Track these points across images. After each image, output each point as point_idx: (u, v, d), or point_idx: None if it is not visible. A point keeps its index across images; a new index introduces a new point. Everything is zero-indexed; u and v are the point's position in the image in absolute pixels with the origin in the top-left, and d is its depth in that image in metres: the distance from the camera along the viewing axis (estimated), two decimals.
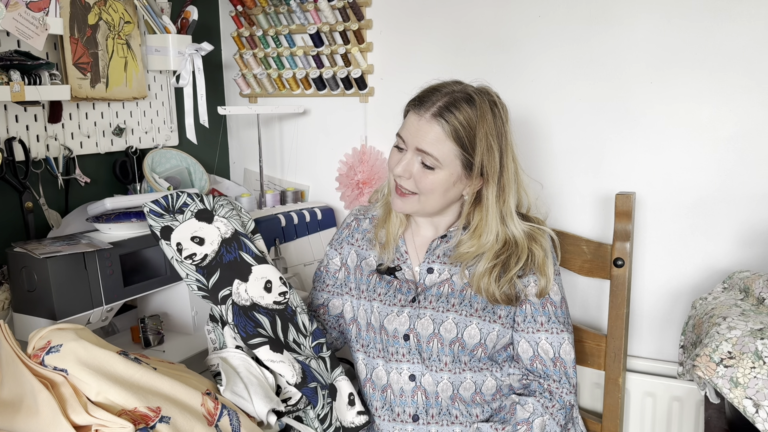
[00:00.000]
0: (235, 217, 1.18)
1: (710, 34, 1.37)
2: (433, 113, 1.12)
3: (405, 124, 1.18)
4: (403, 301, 1.20)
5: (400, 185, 1.17)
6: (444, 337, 1.16)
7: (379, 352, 1.22)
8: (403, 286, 1.22)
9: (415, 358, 1.18)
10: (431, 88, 1.16)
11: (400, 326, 1.19)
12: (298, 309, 1.16)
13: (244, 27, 1.84)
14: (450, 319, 1.16)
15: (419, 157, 1.14)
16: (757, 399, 0.92)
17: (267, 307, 1.12)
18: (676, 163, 1.44)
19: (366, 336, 1.24)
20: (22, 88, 1.25)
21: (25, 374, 0.85)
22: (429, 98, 1.14)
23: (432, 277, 1.21)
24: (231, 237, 1.14)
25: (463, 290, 1.19)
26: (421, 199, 1.17)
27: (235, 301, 1.10)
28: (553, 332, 1.18)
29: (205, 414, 0.90)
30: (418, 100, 1.15)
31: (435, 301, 1.18)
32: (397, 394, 1.19)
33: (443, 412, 1.17)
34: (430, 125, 1.12)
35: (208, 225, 1.14)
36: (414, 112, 1.15)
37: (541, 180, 1.58)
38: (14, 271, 1.21)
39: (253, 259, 1.15)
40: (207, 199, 1.17)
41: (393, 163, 1.19)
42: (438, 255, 1.22)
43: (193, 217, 1.14)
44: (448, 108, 1.11)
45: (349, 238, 1.32)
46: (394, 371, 1.19)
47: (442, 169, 1.13)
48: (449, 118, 1.11)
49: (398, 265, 1.24)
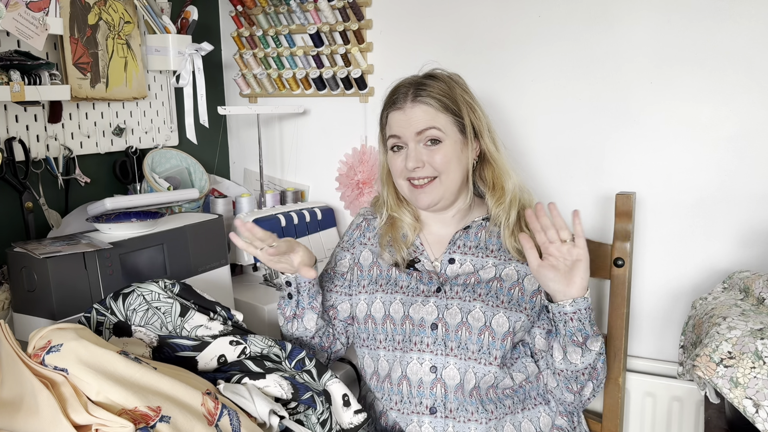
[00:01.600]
0: (153, 319, 1.08)
1: (710, 33, 1.37)
2: (411, 99, 1.20)
3: (392, 124, 1.23)
4: (426, 291, 1.21)
5: (416, 177, 1.21)
6: (472, 326, 1.17)
7: (397, 344, 1.22)
8: (424, 276, 1.23)
9: (439, 349, 1.18)
10: (393, 89, 1.25)
11: (427, 315, 1.19)
12: (264, 350, 1.10)
13: (244, 27, 1.84)
14: (477, 308, 1.18)
15: (421, 140, 1.20)
16: (757, 399, 0.92)
17: (233, 363, 1.08)
18: (676, 163, 1.44)
19: (383, 330, 1.23)
20: (22, 88, 1.25)
21: (26, 374, 0.85)
22: (399, 93, 1.22)
23: (454, 267, 1.23)
24: (158, 346, 1.06)
25: (489, 282, 1.20)
26: (442, 180, 1.21)
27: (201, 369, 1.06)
28: None
29: (206, 414, 0.90)
30: (392, 101, 1.23)
31: (461, 291, 1.20)
32: (414, 385, 1.19)
33: (461, 407, 1.17)
34: (417, 107, 1.20)
35: (130, 339, 1.05)
36: (394, 110, 1.22)
37: (540, 180, 1.59)
38: (14, 271, 1.21)
39: (192, 351, 1.06)
40: (116, 305, 1.08)
41: (399, 164, 1.23)
42: (459, 246, 1.25)
43: (112, 335, 1.06)
44: (421, 90, 1.20)
45: (361, 238, 1.33)
46: (415, 361, 1.19)
47: (447, 138, 1.20)
48: (427, 96, 1.20)
49: (416, 258, 1.25)
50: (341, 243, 1.36)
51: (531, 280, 1.22)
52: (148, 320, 1.08)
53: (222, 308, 1.18)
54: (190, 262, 1.39)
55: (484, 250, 1.24)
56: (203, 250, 1.42)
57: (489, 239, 1.25)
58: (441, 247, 1.27)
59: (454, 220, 1.28)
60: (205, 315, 1.12)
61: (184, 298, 1.15)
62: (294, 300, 1.24)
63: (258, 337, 1.11)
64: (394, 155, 1.23)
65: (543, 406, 1.23)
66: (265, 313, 1.50)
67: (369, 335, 1.25)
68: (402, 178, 1.23)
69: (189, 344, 1.06)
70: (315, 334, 1.27)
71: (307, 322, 1.25)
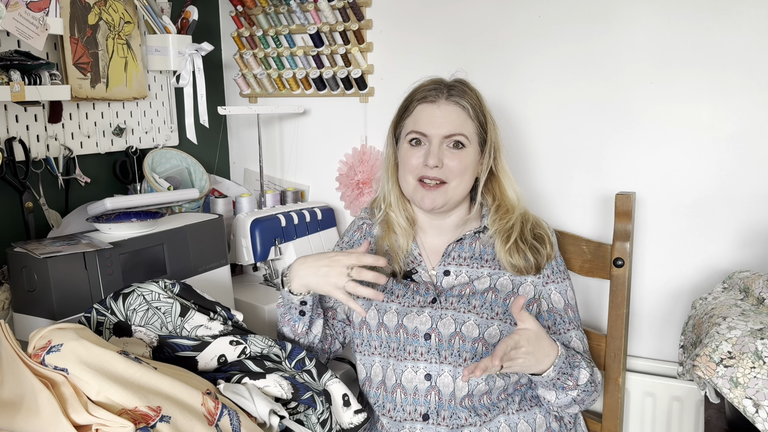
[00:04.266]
0: (153, 319, 1.08)
1: (710, 34, 1.37)
2: (446, 97, 1.19)
3: (419, 117, 1.20)
4: (422, 302, 1.21)
5: (430, 176, 1.19)
6: (466, 336, 1.17)
7: (392, 351, 1.21)
8: (421, 287, 1.23)
9: (433, 358, 1.18)
10: (429, 81, 1.23)
11: (421, 325, 1.19)
12: (264, 350, 1.11)
13: (244, 27, 1.84)
14: (471, 320, 1.18)
15: (446, 141, 1.19)
16: (757, 399, 0.92)
17: (233, 363, 1.08)
18: (676, 163, 1.44)
19: (377, 336, 1.23)
20: (22, 88, 1.25)
21: (26, 374, 0.85)
22: (435, 88, 1.20)
23: (449, 279, 1.22)
24: (158, 346, 1.06)
25: (484, 293, 1.20)
26: (449, 188, 1.20)
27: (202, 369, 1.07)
28: (577, 328, 1.27)
29: (206, 413, 0.90)
30: (423, 93, 1.20)
31: (456, 302, 1.19)
32: (409, 392, 1.19)
33: (454, 415, 1.17)
34: (451, 108, 1.19)
35: (130, 339, 1.05)
36: (425, 103, 1.20)
37: (541, 180, 1.59)
38: (14, 271, 1.21)
39: (192, 351, 1.06)
40: (116, 305, 1.08)
41: (415, 160, 1.20)
42: (454, 257, 1.24)
43: (112, 335, 1.06)
44: (457, 91, 1.19)
45: (362, 241, 1.32)
46: (409, 370, 1.19)
47: (470, 146, 1.20)
48: (462, 100, 1.19)
49: (414, 268, 1.24)
50: (341, 243, 1.36)
51: (525, 289, 1.23)
52: (148, 320, 1.08)
53: (222, 308, 1.18)
54: (190, 262, 1.39)
55: (479, 260, 1.24)
56: (203, 250, 1.42)
57: (483, 249, 1.25)
58: (437, 257, 1.27)
59: (450, 228, 1.28)
60: (205, 315, 1.12)
61: (184, 298, 1.15)
62: (307, 316, 1.22)
63: (258, 337, 1.11)
64: (412, 149, 1.21)
65: (538, 408, 1.23)
66: (265, 313, 1.50)
67: (363, 341, 1.25)
68: (412, 175, 1.21)
69: (189, 344, 1.06)
70: (320, 339, 1.27)
71: (315, 329, 1.25)
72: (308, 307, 1.20)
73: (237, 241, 1.61)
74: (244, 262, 1.63)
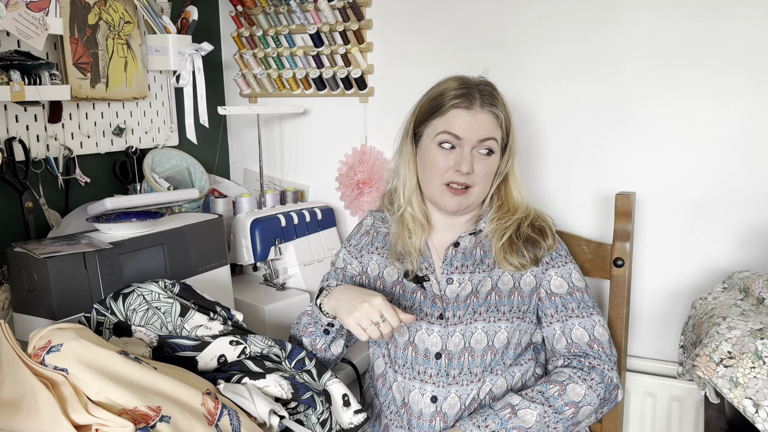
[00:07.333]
0: (153, 319, 1.08)
1: (710, 34, 1.37)
2: (481, 104, 1.19)
3: (454, 122, 1.19)
4: (430, 317, 1.21)
5: (457, 182, 1.20)
6: (475, 349, 1.18)
7: (399, 367, 1.23)
8: (428, 296, 1.23)
9: (441, 381, 1.18)
10: (463, 81, 1.22)
11: (432, 346, 1.20)
12: (264, 350, 1.11)
13: (244, 27, 1.84)
14: (479, 329, 1.19)
15: (478, 147, 1.19)
16: (757, 399, 0.92)
17: (233, 363, 1.08)
18: (676, 163, 1.45)
19: (383, 344, 1.26)
20: (22, 88, 1.25)
21: (26, 374, 0.85)
22: (470, 92, 1.20)
23: (453, 288, 1.22)
24: (158, 346, 1.06)
25: (488, 295, 1.21)
26: (473, 192, 1.22)
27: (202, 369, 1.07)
28: (584, 316, 1.21)
29: (206, 413, 0.90)
30: (459, 96, 1.19)
31: (463, 314, 1.20)
32: (415, 414, 1.20)
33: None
34: (485, 114, 1.19)
35: (130, 339, 1.05)
36: (461, 108, 1.19)
37: (541, 180, 1.59)
38: (14, 271, 1.21)
39: (192, 351, 1.06)
40: (116, 305, 1.08)
41: (446, 164, 1.20)
42: (456, 266, 1.24)
43: (112, 335, 1.06)
44: (490, 98, 1.20)
45: (369, 246, 1.32)
46: (416, 391, 1.20)
47: (496, 152, 1.22)
48: (495, 108, 1.20)
49: (426, 275, 1.24)
50: (348, 247, 1.35)
51: (527, 281, 1.23)
52: (148, 320, 1.08)
53: (222, 308, 1.18)
54: (190, 262, 1.39)
55: (480, 264, 1.24)
56: (203, 250, 1.42)
57: (482, 252, 1.25)
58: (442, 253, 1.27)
59: (460, 225, 1.28)
60: (205, 315, 1.12)
61: (184, 298, 1.15)
62: (330, 336, 1.23)
63: (258, 337, 1.11)
64: (442, 152, 1.20)
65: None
66: (265, 313, 1.50)
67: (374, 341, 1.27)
68: (440, 178, 1.21)
69: (189, 344, 1.06)
70: (337, 358, 1.28)
71: (335, 348, 1.26)
72: (334, 329, 1.22)
73: (237, 241, 1.61)
74: (244, 262, 1.63)
